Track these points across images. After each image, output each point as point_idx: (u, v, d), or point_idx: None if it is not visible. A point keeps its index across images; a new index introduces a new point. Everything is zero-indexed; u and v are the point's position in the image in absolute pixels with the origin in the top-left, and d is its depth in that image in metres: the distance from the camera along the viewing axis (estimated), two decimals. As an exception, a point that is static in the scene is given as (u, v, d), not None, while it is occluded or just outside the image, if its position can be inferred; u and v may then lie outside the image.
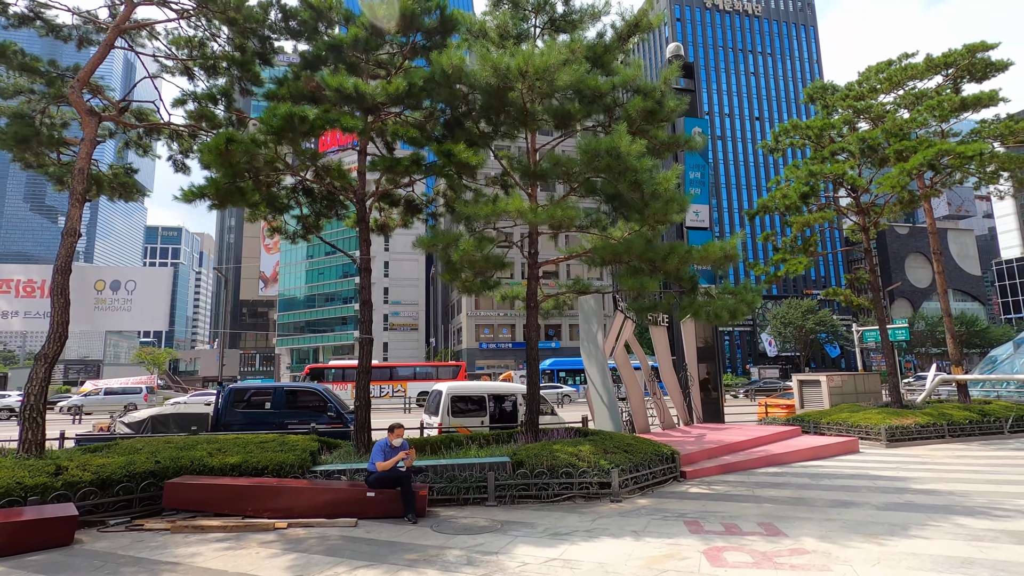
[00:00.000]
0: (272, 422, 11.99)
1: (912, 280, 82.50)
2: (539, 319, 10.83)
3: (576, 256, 9.71)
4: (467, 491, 8.07)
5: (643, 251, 8.15)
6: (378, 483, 7.29)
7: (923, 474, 10.27)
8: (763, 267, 17.93)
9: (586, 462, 8.53)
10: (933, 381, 19.18)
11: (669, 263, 8.15)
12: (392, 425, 7.53)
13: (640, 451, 9.39)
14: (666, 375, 15.82)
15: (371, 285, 10.27)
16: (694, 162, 18.89)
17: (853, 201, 17.83)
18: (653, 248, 8.22)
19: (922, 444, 14.29)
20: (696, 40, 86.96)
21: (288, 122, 7.25)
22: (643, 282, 8.06)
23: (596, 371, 12.23)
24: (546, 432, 10.73)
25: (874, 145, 15.96)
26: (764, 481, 9.79)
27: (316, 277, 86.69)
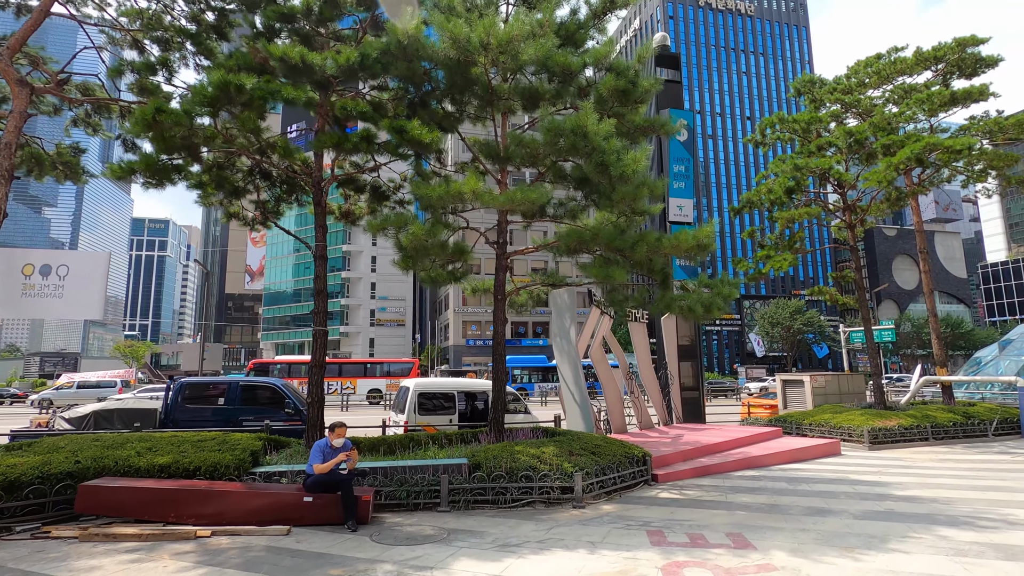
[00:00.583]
0: (225, 419, 11.33)
1: (899, 282, 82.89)
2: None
3: (546, 247, 9.14)
4: (418, 496, 7.48)
5: (611, 239, 7.60)
6: (316, 487, 6.68)
7: (905, 479, 9.81)
8: (748, 263, 17.46)
9: (548, 465, 7.97)
10: (918, 382, 18.84)
11: (638, 252, 7.60)
12: (333, 424, 6.93)
13: (608, 453, 8.85)
14: (645, 373, 15.31)
15: (326, 274, 9.64)
16: (679, 155, 18.39)
17: (840, 197, 17.41)
18: (622, 236, 7.67)
19: (905, 447, 13.89)
20: (688, 38, 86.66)
21: (223, 91, 6.61)
22: (609, 272, 7.50)
23: (568, 368, 11.67)
24: (513, 432, 10.17)
25: (861, 139, 15.52)
26: (739, 485, 9.29)
27: (302, 271, 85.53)
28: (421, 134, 7.19)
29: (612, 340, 14.38)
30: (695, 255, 7.83)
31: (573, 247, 7.99)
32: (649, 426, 14.78)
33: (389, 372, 35.42)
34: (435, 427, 12.34)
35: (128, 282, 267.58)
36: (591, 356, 13.52)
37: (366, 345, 77.66)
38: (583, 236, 7.77)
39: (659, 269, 8.19)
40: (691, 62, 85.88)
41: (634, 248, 7.58)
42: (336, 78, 7.85)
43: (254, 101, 6.82)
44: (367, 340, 77.90)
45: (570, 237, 7.88)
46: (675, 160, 18.30)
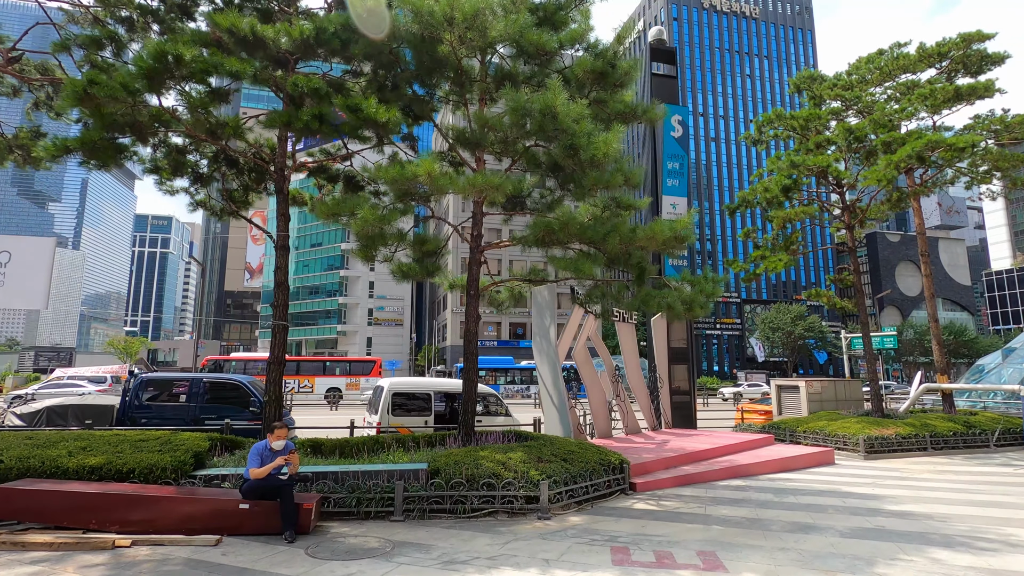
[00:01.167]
0: (187, 417, 10.82)
1: (902, 288, 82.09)
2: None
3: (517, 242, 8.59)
4: (370, 503, 6.93)
5: (580, 230, 7.06)
6: (252, 493, 6.15)
7: (900, 492, 9.22)
8: (742, 264, 16.88)
9: (513, 472, 7.42)
10: (917, 390, 18.23)
11: (609, 244, 7.05)
12: (273, 424, 6.38)
13: (582, 460, 8.29)
14: (632, 376, 14.74)
15: (287, 264, 9.11)
16: (672, 152, 17.84)
17: (839, 197, 16.83)
18: (592, 226, 7.12)
19: (902, 456, 13.29)
20: (692, 41, 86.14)
21: (160, 62, 6.09)
22: (578, 264, 6.96)
23: (547, 369, 11.12)
24: (485, 435, 9.62)
25: (861, 136, 14.94)
26: (722, 496, 8.71)
27: (301, 269, 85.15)
28: (377, 113, 6.65)
29: (598, 341, 13.82)
30: (673, 248, 7.28)
31: (542, 238, 7.44)
32: (636, 431, 14.21)
33: (349, 370, 34.48)
34: (410, 429, 11.81)
35: (131, 278, 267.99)
36: (575, 357, 12.96)
37: (363, 344, 77.17)
38: (551, 227, 7.23)
39: (636, 263, 7.63)
40: (695, 64, 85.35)
41: (605, 240, 7.03)
42: (292, 54, 7.34)
43: (195, 74, 6.31)
44: (364, 339, 77.45)
45: (537, 228, 7.34)
46: (668, 157, 17.75)
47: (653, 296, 7.68)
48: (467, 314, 9.46)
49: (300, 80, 6.74)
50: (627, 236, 7.01)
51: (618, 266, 7.96)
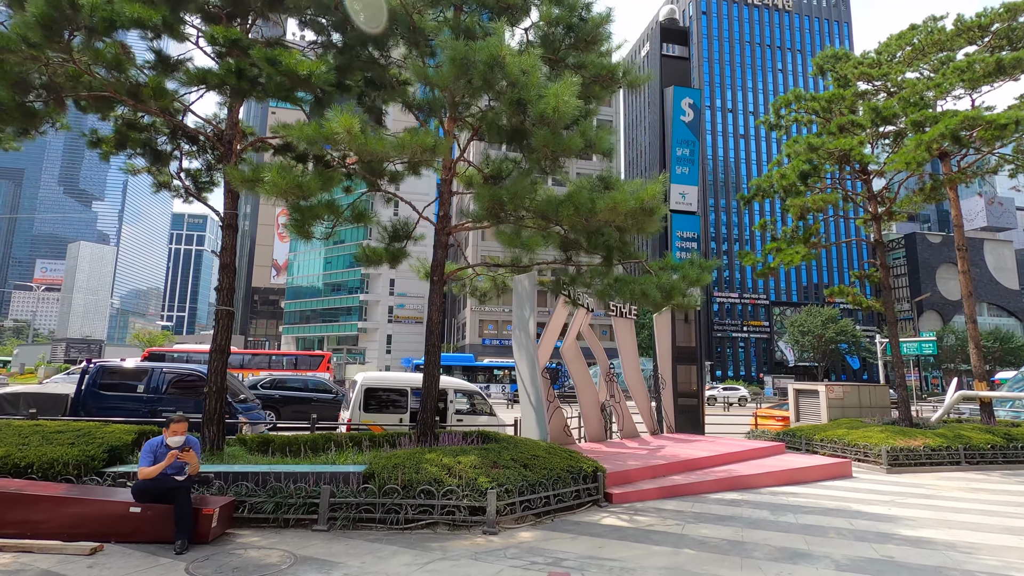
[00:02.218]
0: (143, 408, 10.25)
1: (943, 292, 78.09)
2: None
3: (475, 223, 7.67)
4: (291, 509, 6.12)
5: (531, 201, 6.11)
6: (143, 495, 5.40)
7: (921, 513, 7.98)
8: (755, 257, 15.60)
9: (458, 479, 6.52)
10: (952, 397, 16.63)
11: (564, 216, 6.08)
12: (169, 418, 5.62)
13: (546, 466, 7.33)
14: (630, 376, 13.66)
15: (235, 246, 8.40)
16: (682, 137, 16.66)
17: (864, 185, 15.40)
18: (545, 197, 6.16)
19: (931, 471, 11.90)
20: (722, 35, 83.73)
21: (55, 8, 5.41)
22: (526, 241, 6.02)
23: (526, 365, 10.17)
24: (449, 435, 8.75)
25: (888, 116, 13.55)
26: (709, 512, 7.64)
27: (324, 266, 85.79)
28: (298, 66, 5.84)
29: (591, 336, 12.80)
30: (641, 223, 6.25)
31: (492, 211, 6.51)
32: (633, 435, 13.14)
33: (296, 365, 33.71)
34: (382, 427, 11.04)
35: (167, 274, 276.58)
36: (563, 354, 11.97)
37: (384, 341, 77.31)
38: (499, 198, 6.29)
39: (602, 243, 6.63)
40: (723, 59, 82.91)
41: (558, 211, 6.07)
42: (222, 8, 6.60)
43: (98, 25, 5.61)
44: (384, 336, 77.57)
45: (483, 199, 6.40)
46: (678, 143, 16.59)
47: (626, 282, 6.68)
48: (430, 301, 8.60)
49: (218, 31, 5.98)
50: (584, 207, 6.03)
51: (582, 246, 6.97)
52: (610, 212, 5.91)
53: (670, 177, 16.38)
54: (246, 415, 11.11)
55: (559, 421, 11.37)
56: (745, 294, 77.23)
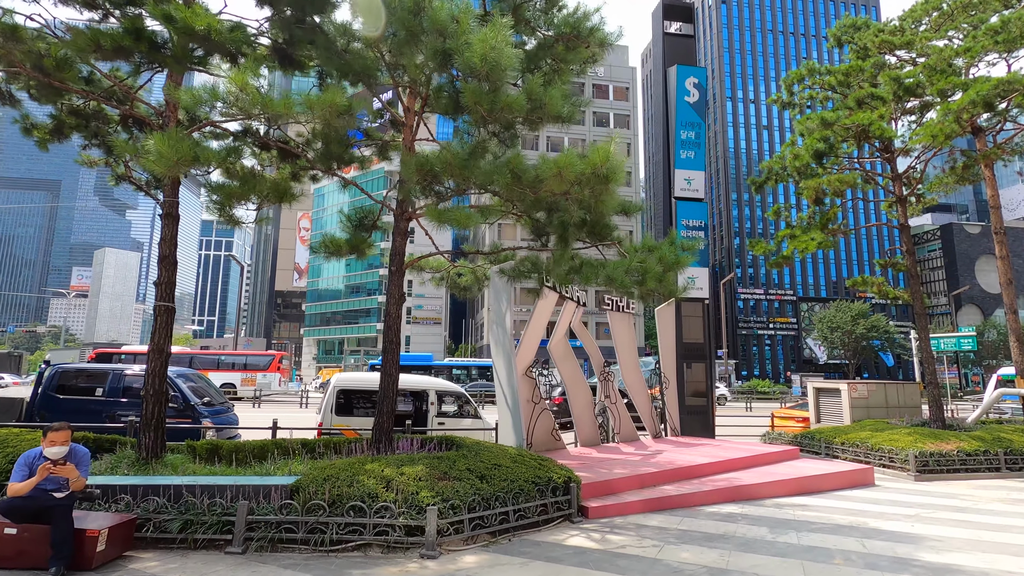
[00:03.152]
0: (100, 412, 9.70)
1: (983, 285, 74.42)
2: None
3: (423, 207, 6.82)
4: (201, 528, 5.37)
5: (462, 165, 5.24)
6: (14, 513, 4.70)
7: (951, 531, 6.85)
8: (766, 245, 14.43)
9: (398, 493, 5.69)
10: (992, 395, 15.16)
11: (499, 183, 5.18)
12: (49, 426, 4.91)
13: (506, 477, 6.45)
14: (629, 375, 12.66)
15: (175, 236, 7.73)
16: (687, 119, 15.60)
17: (887, 165, 14.10)
18: (484, 163, 5.28)
19: (966, 478, 10.64)
20: (743, 23, 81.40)
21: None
22: (457, 216, 5.13)
23: (502, 364, 9.29)
24: (412, 441, 7.94)
25: (912, 86, 12.27)
26: (697, 529, 6.65)
27: (343, 268, 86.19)
28: (195, 21, 5.09)
29: (583, 332, 11.86)
30: (598, 193, 5.30)
31: (422, 178, 5.64)
32: (632, 438, 12.15)
33: (246, 365, 32.73)
34: (357, 431, 10.28)
35: (197, 280, 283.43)
36: (551, 351, 11.07)
37: (402, 343, 77.20)
38: (428, 164, 5.42)
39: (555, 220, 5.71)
40: (744, 48, 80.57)
41: (492, 178, 5.18)
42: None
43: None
44: (403, 338, 77.46)
45: (409, 168, 5.52)
46: (683, 125, 15.52)
47: (591, 267, 5.76)
48: (388, 293, 7.82)
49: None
50: (526, 175, 5.12)
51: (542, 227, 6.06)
52: (556, 180, 4.99)
53: (674, 162, 15.34)
54: (213, 419, 10.49)
55: (546, 424, 10.47)
56: (771, 290, 74.81)
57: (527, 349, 10.16)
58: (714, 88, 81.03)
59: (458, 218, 5.19)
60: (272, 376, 32.44)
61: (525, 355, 10.15)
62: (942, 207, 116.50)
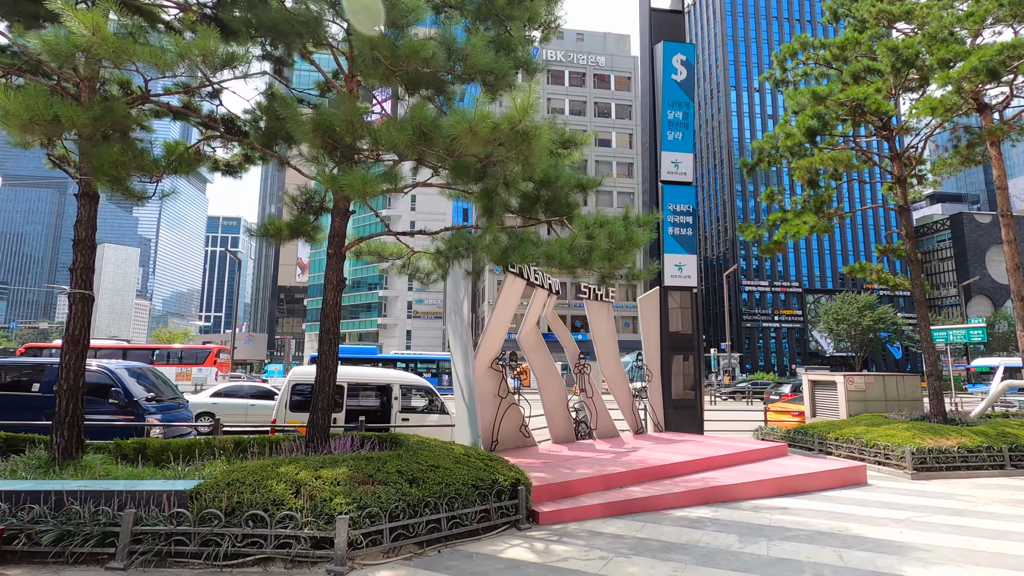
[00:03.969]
0: (35, 408, 9.13)
1: (994, 275, 72.95)
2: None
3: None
4: (82, 541, 4.76)
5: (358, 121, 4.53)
6: None
7: (944, 539, 6.13)
8: (756, 229, 13.65)
9: (308, 499, 5.04)
10: (998, 387, 14.35)
11: (398, 141, 4.46)
12: None
13: (443, 481, 5.79)
14: (607, 367, 11.97)
15: (93, 217, 7.11)
16: (674, 98, 14.79)
17: (883, 143, 13.27)
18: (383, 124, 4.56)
19: (966, 476, 9.91)
20: (747, 10, 79.83)
21: None
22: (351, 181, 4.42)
23: (459, 355, 8.62)
24: (348, 439, 7.30)
25: (910, 56, 11.42)
26: (656, 538, 5.97)
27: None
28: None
29: (556, 322, 11.17)
30: (524, 155, 4.58)
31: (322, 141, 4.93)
32: (611, 435, 11.47)
33: (181, 359, 31.83)
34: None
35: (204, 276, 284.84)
36: (521, 343, 10.39)
37: (403, 337, 76.81)
38: (327, 126, 4.70)
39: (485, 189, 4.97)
40: (749, 37, 79.06)
41: (392, 137, 4.46)
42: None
43: None
44: (404, 332, 77.09)
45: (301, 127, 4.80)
46: (670, 105, 14.72)
47: (531, 243, 5.07)
48: (326, 279, 7.16)
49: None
50: (436, 132, 4.39)
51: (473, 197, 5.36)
52: (470, 139, 4.27)
53: (661, 144, 14.57)
54: (162, 416, 9.89)
55: (514, 420, 9.81)
56: (776, 282, 73.66)
57: (491, 340, 9.49)
58: (717, 77, 79.68)
59: (352, 183, 4.49)
60: (209, 370, 31.71)
61: (490, 347, 9.47)
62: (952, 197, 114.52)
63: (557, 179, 6.10)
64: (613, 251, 5.26)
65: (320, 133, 4.77)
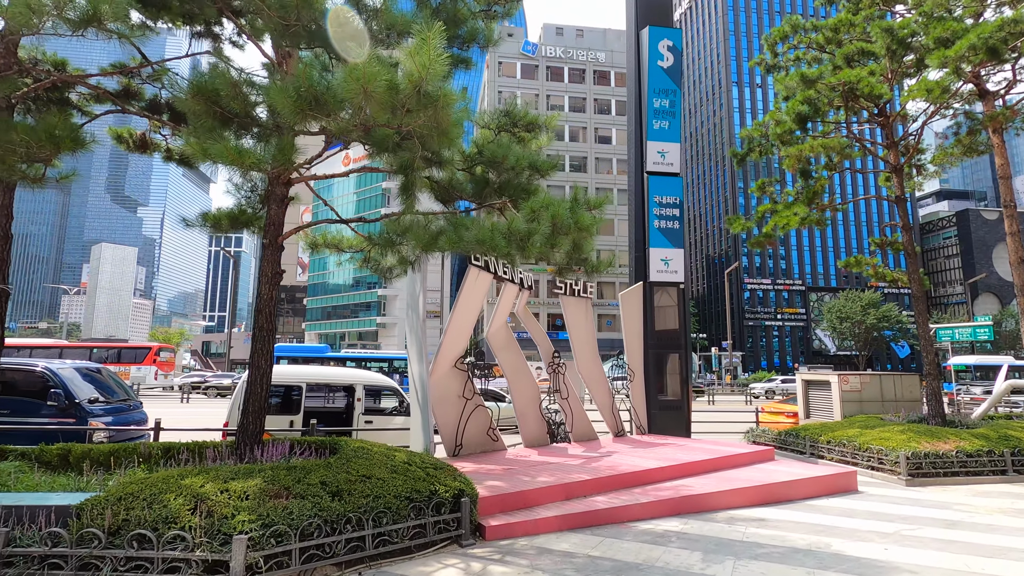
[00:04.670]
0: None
1: (1001, 273, 71.86)
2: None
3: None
4: (-56, 564, 4.21)
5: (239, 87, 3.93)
6: None
7: (934, 558, 5.51)
8: (744, 221, 13.01)
9: (207, 516, 4.47)
10: (1001, 387, 13.67)
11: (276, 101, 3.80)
12: None
13: (374, 493, 5.21)
14: (584, 365, 11.36)
15: (10, 205, 6.57)
16: (660, 85, 14.16)
17: (880, 130, 12.60)
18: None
19: (965, 482, 9.28)
20: (749, 6, 78.90)
21: None
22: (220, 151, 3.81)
23: (414, 354, 8.04)
24: (282, 445, 6.74)
25: (906, 37, 10.77)
26: (611, 556, 5.38)
27: (344, 262, 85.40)
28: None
29: (528, 318, 10.58)
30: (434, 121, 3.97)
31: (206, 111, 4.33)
32: (588, 437, 10.87)
33: (119, 358, 30.94)
34: (269, 431, 9.10)
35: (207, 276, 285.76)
36: (489, 339, 9.80)
37: (403, 336, 76.32)
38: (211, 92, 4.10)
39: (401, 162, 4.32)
40: (751, 32, 78.14)
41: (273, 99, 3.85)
42: None
43: None
44: (403, 331, 76.68)
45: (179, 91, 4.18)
46: (655, 92, 14.10)
47: (463, 227, 4.47)
48: (260, 271, 6.59)
49: None
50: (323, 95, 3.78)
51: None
52: (364, 99, 3.66)
53: (647, 133, 13.95)
54: (110, 419, 9.35)
55: (480, 422, 9.22)
56: (779, 280, 72.78)
57: (455, 338, 8.90)
58: (719, 73, 78.83)
59: (223, 153, 3.89)
60: (148, 369, 31.00)
61: (453, 345, 8.89)
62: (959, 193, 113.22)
63: (504, 159, 5.52)
64: (556, 236, 4.67)
65: (202, 99, 4.17)
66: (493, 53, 67.50)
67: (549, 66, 67.13)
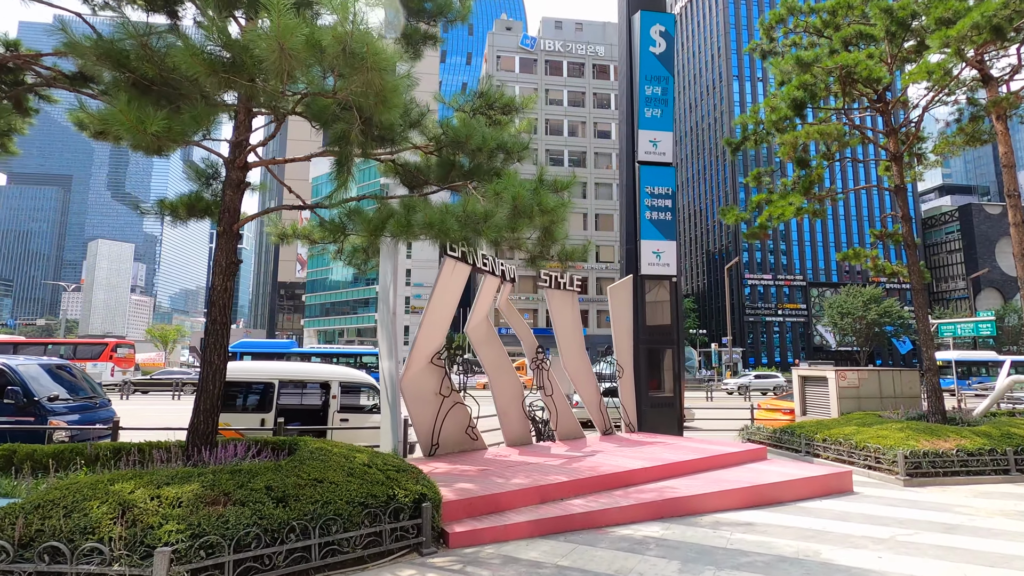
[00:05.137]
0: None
1: (1004, 268, 71.26)
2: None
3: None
4: None
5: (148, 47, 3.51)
6: None
7: (928, 567, 5.11)
8: (738, 212, 12.57)
9: (131, 526, 4.08)
10: (1003, 383, 13.22)
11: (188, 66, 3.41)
12: None
13: (322, 499, 4.82)
14: (571, 362, 10.95)
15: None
16: (652, 72, 13.72)
17: (879, 116, 12.14)
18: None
19: (965, 482, 8.87)
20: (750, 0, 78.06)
21: None
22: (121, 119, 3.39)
23: (384, 348, 7.64)
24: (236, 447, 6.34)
25: (906, 18, 10.30)
26: (582, 566, 4.98)
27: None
28: None
29: (511, 313, 10.16)
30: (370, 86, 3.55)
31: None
32: (574, 436, 10.48)
33: (74, 354, 30.63)
34: (239, 430, 8.72)
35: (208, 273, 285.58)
36: (469, 333, 9.39)
37: (401, 332, 76.02)
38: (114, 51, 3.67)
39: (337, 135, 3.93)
40: (752, 25, 77.25)
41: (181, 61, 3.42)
42: None
43: None
44: (402, 328, 76.30)
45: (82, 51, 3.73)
46: (647, 80, 13.66)
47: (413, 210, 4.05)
48: (215, 261, 6.19)
49: None
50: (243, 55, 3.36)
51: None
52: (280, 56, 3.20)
53: (638, 122, 13.51)
54: (73, 417, 8.97)
55: (459, 420, 8.83)
56: (779, 275, 72.24)
57: (430, 333, 8.49)
58: (720, 67, 78.15)
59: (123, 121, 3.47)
60: (104, 365, 30.67)
61: (429, 339, 8.48)
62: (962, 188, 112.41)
63: (469, 139, 5.11)
64: (517, 220, 4.26)
65: (109, 61, 3.75)
66: (491, 47, 66.88)
67: (548, 60, 66.52)
